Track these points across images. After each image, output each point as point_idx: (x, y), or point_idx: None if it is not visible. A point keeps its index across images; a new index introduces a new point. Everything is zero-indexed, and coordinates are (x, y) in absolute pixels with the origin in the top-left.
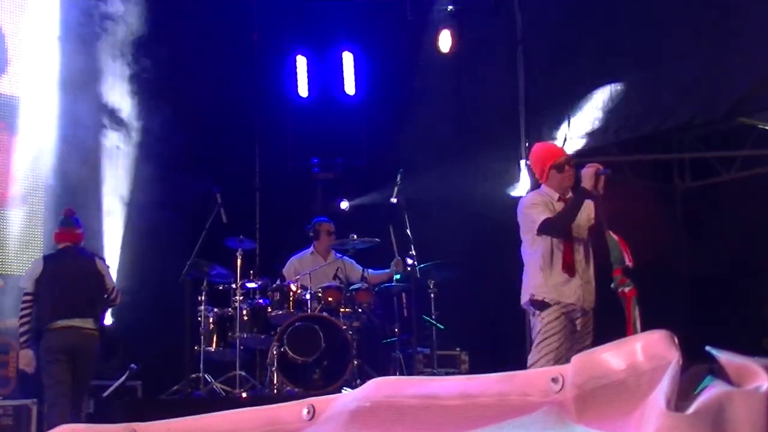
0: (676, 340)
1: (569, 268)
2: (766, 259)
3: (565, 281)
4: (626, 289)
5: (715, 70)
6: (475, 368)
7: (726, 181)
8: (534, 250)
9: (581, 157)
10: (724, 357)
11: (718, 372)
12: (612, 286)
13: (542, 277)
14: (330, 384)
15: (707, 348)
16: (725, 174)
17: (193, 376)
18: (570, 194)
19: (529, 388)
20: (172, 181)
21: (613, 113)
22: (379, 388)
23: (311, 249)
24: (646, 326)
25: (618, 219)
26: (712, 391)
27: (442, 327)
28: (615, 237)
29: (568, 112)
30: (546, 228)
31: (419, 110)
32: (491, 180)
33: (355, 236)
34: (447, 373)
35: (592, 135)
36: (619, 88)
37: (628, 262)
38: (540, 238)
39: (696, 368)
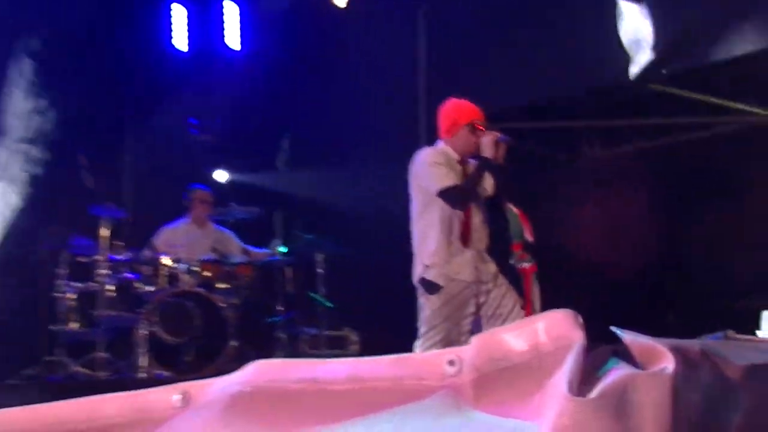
0: (581, 319)
1: (464, 238)
2: (678, 233)
3: (458, 252)
4: (526, 265)
5: (627, 34)
6: (367, 350)
7: (636, 150)
8: (429, 213)
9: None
10: (628, 337)
11: (623, 354)
12: (511, 261)
13: (436, 246)
14: (205, 367)
15: (612, 328)
16: (635, 143)
17: (49, 358)
18: (469, 162)
19: (425, 371)
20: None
21: (519, 78)
22: (260, 371)
23: (187, 219)
24: (548, 305)
25: (520, 190)
26: (616, 373)
27: (331, 305)
28: (515, 210)
29: (472, 76)
30: (450, 196)
31: (312, 69)
32: (388, 147)
33: (236, 205)
34: (335, 356)
35: (496, 100)
36: (526, 51)
37: (528, 237)
38: (437, 201)
39: (600, 350)
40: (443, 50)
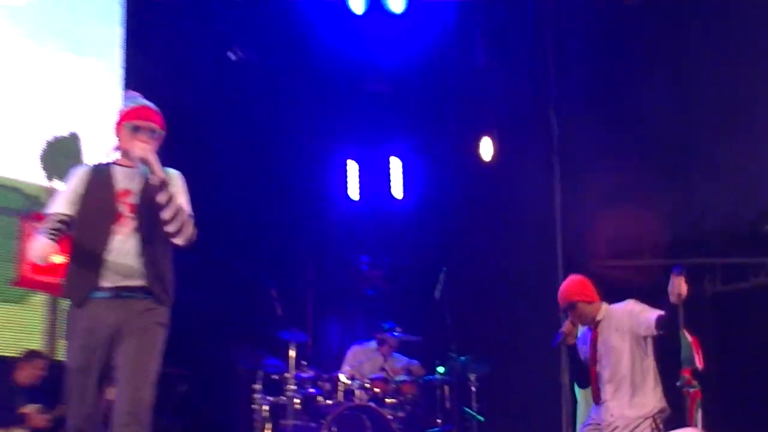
0: None
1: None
2: None
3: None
4: (691, 390)
5: (743, 179)
6: None
7: (756, 287)
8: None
9: (616, 259)
10: None
11: None
12: (678, 384)
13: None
14: None
15: None
16: (753, 279)
17: None
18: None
19: None
20: (224, 271)
21: (646, 217)
22: None
23: (374, 344)
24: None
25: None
26: None
27: (482, 419)
28: (689, 337)
29: (604, 217)
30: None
31: (462, 215)
32: (522, 278)
33: (399, 329)
34: None
35: (624, 238)
36: (652, 193)
37: (699, 365)
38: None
39: None
40: (578, 190)
